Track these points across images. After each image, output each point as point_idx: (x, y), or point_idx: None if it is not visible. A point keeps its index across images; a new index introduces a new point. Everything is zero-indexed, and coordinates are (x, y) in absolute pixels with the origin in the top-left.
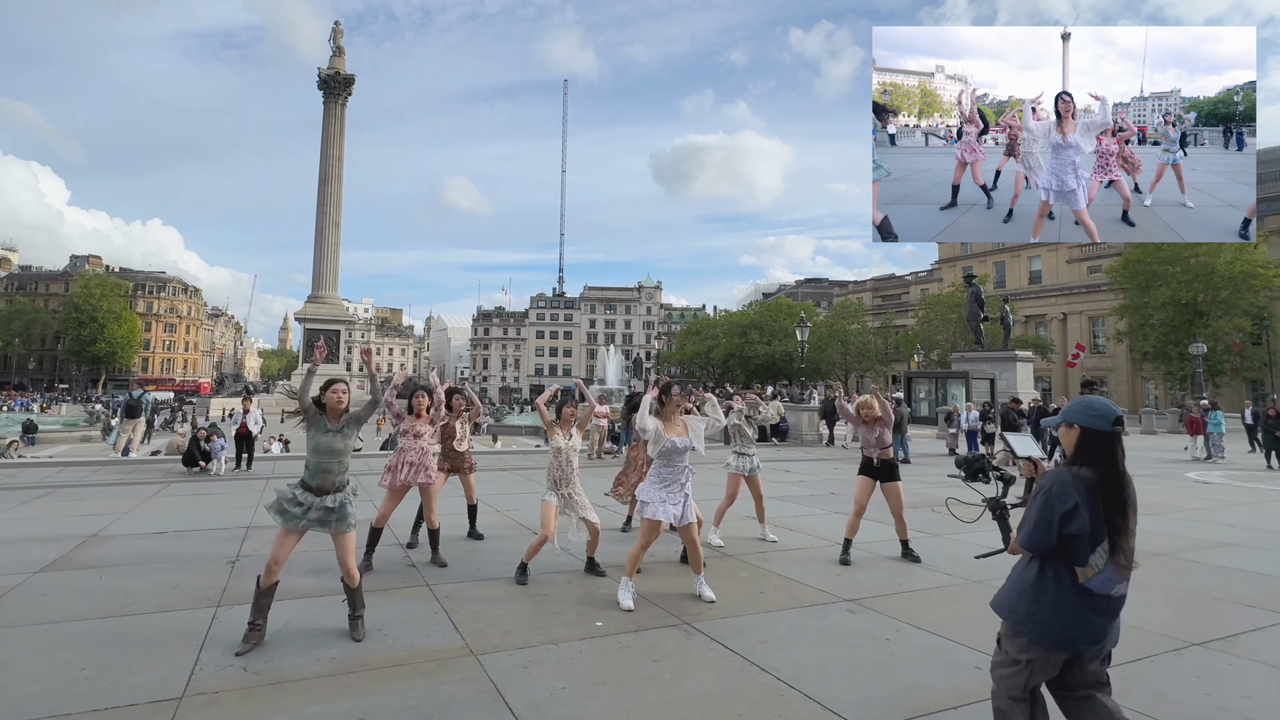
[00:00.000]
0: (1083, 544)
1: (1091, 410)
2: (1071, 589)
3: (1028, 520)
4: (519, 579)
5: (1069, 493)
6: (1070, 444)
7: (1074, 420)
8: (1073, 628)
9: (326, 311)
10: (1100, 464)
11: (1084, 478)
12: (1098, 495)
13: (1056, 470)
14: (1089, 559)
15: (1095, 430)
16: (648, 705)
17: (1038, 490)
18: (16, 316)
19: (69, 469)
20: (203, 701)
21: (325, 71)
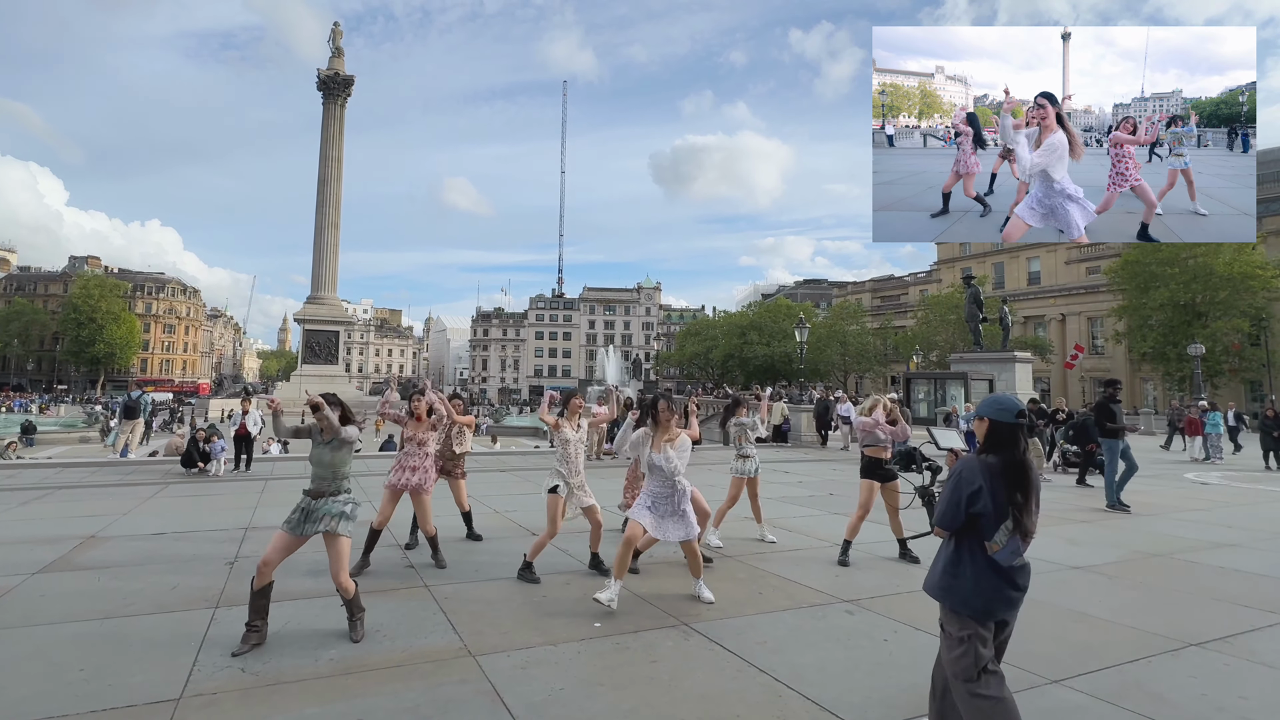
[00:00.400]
0: (987, 521)
1: (999, 405)
2: (984, 562)
3: (941, 502)
4: (527, 577)
5: (974, 476)
6: (981, 434)
7: (984, 414)
8: (988, 596)
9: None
10: (1004, 451)
11: (989, 463)
12: (1001, 478)
13: (966, 457)
14: (994, 535)
15: (1001, 422)
16: (646, 706)
17: (949, 476)
18: (15, 317)
19: (68, 470)
20: (200, 703)
21: (324, 72)
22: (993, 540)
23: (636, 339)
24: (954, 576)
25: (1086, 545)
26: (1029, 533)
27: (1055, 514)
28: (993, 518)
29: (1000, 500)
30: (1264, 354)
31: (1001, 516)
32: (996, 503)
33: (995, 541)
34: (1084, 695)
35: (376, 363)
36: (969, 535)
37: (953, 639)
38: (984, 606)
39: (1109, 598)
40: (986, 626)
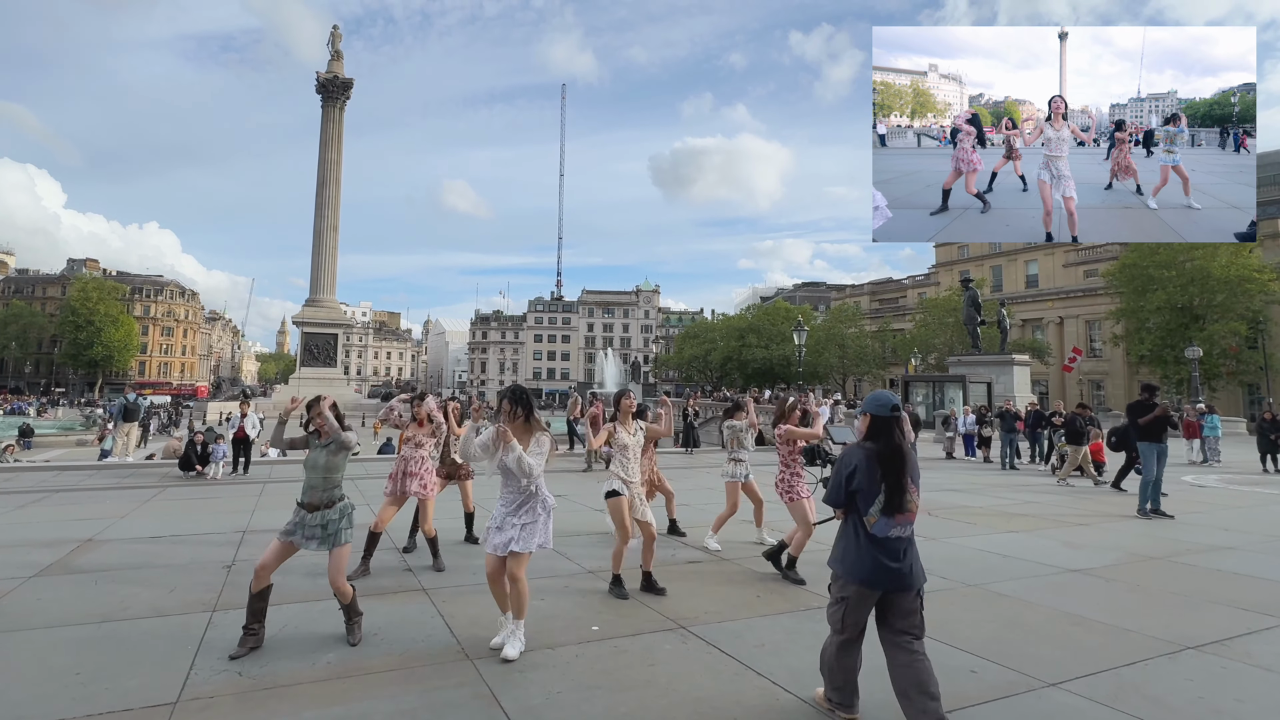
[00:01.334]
0: (863, 497)
1: (877, 401)
2: (865, 536)
3: (828, 484)
4: (617, 593)
5: (851, 458)
6: (864, 427)
7: (866, 409)
8: (866, 566)
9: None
10: (880, 439)
11: (866, 449)
12: (877, 462)
13: (848, 446)
14: (868, 510)
15: (878, 415)
16: (643, 709)
17: (837, 461)
18: (13, 320)
19: (65, 473)
20: (198, 706)
21: (323, 75)
22: (868, 514)
23: (635, 342)
24: (842, 549)
25: (1083, 548)
26: (905, 509)
27: (1053, 516)
28: (868, 495)
29: (874, 479)
30: (1261, 357)
31: (873, 494)
32: (870, 481)
33: (871, 515)
34: (1081, 698)
35: (375, 365)
36: (853, 512)
37: (833, 598)
38: (863, 576)
39: (1106, 600)
40: (865, 596)
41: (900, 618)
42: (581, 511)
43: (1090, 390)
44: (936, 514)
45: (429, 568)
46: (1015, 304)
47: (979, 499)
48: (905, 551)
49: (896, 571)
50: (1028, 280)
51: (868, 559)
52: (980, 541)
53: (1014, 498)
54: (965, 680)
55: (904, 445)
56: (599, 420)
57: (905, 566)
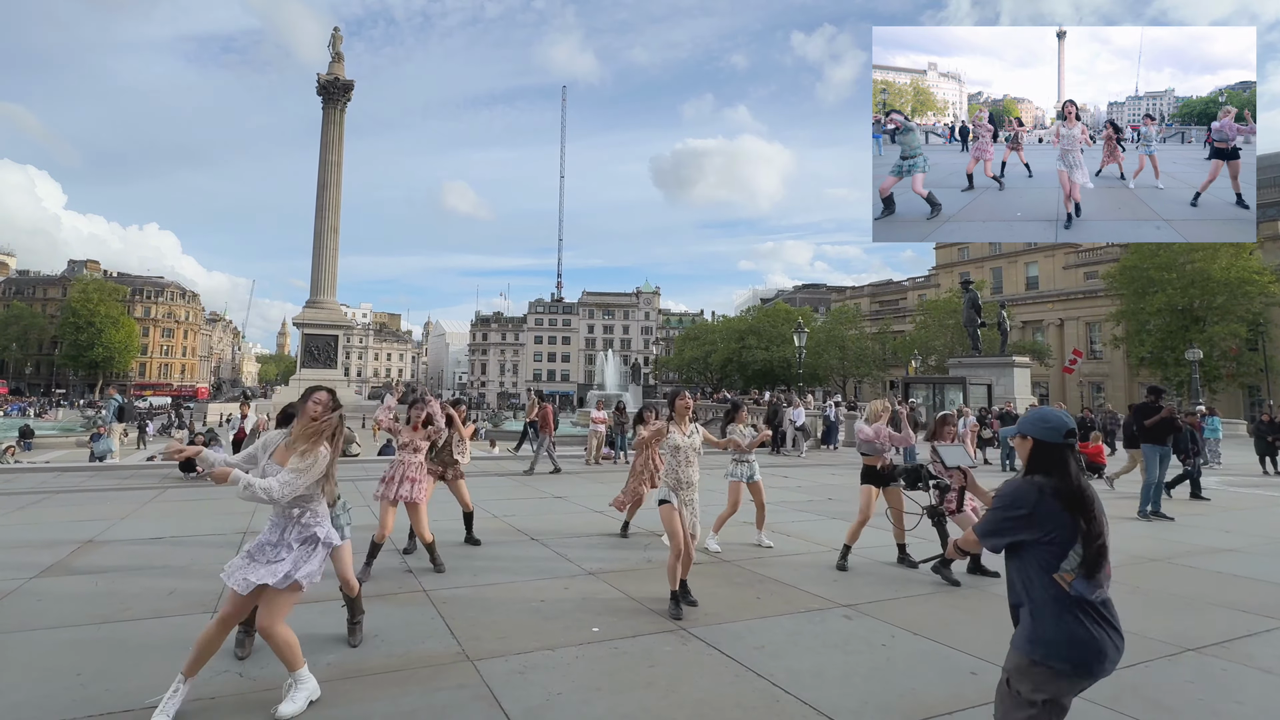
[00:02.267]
0: (1051, 549)
1: (1045, 423)
2: (1063, 598)
3: (984, 522)
4: (675, 613)
5: (1022, 499)
6: (1024, 454)
7: (1027, 432)
8: (1080, 644)
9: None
10: (1055, 474)
11: (1039, 484)
12: (1062, 504)
13: (1016, 479)
14: (1060, 565)
15: (1046, 443)
16: (644, 711)
17: (996, 495)
18: (14, 321)
19: (65, 474)
20: (198, 708)
21: (324, 77)
22: (1062, 570)
23: (635, 343)
24: (1034, 623)
25: None
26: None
27: None
28: (1059, 546)
29: (1065, 525)
30: (1261, 359)
31: (1070, 544)
32: (1059, 528)
33: (1066, 570)
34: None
35: (375, 367)
36: (1037, 566)
37: (1021, 701)
38: (1077, 658)
39: None
40: (1071, 686)
41: None
42: (580, 513)
43: (1090, 392)
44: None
45: (429, 569)
46: (1015, 306)
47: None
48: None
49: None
50: (1028, 282)
51: (1080, 633)
52: None
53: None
54: (965, 681)
55: (1087, 482)
56: (549, 419)
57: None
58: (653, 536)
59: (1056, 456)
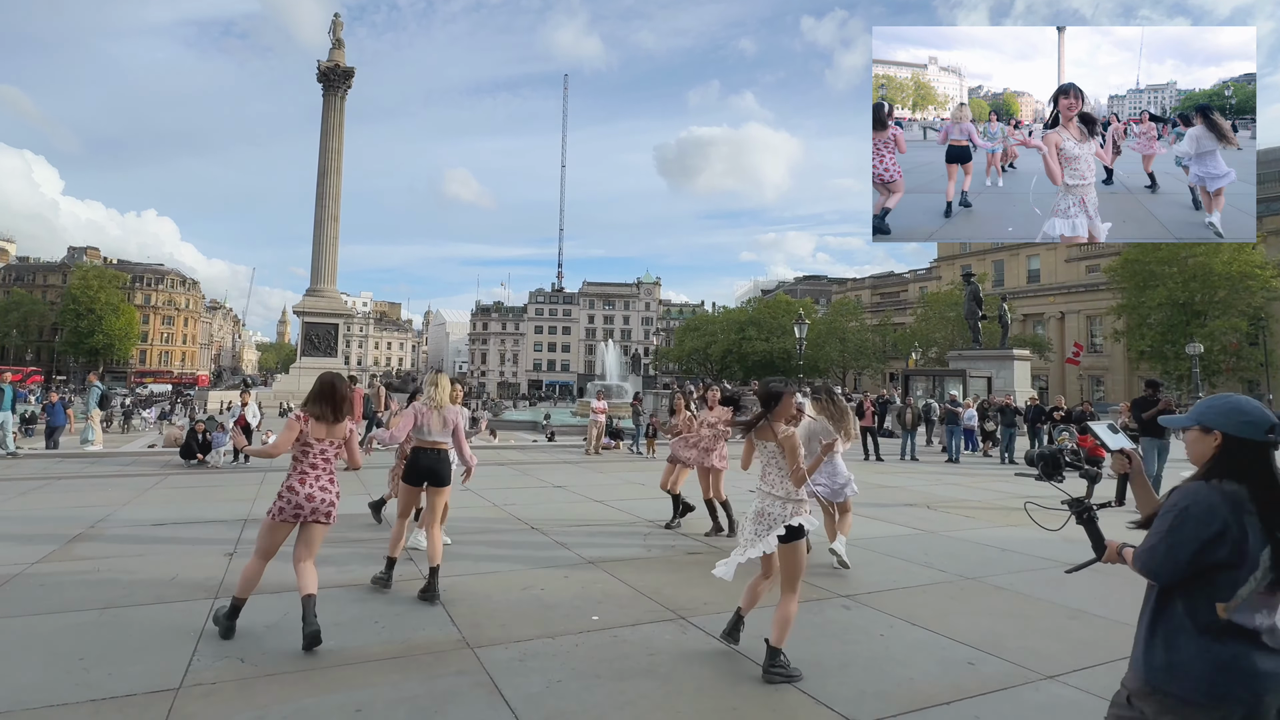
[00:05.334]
0: (1227, 575)
1: (1242, 414)
2: (1215, 625)
3: (1154, 540)
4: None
5: (1213, 515)
6: (1207, 453)
7: (1212, 424)
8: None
9: (325, 305)
10: (1250, 478)
11: (1229, 494)
12: (1254, 516)
13: (1195, 485)
14: (1236, 590)
15: (1246, 440)
16: (643, 699)
17: (1171, 507)
18: (14, 308)
19: (66, 461)
20: (200, 692)
21: (324, 64)
22: (1232, 598)
23: (636, 334)
24: (1173, 651)
25: (1083, 543)
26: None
27: (1052, 512)
28: (1238, 570)
29: (1252, 547)
30: (1262, 353)
31: (1253, 567)
32: (1244, 550)
33: (1235, 598)
34: (1079, 691)
35: (375, 356)
36: (1192, 591)
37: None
38: (1238, 690)
39: (1106, 595)
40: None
41: None
42: (580, 502)
43: (1090, 386)
44: (936, 507)
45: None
46: (1016, 299)
47: (978, 493)
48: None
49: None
50: (1029, 275)
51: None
52: (979, 535)
53: (1013, 491)
54: (963, 672)
55: None
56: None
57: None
58: (652, 526)
59: (1257, 458)
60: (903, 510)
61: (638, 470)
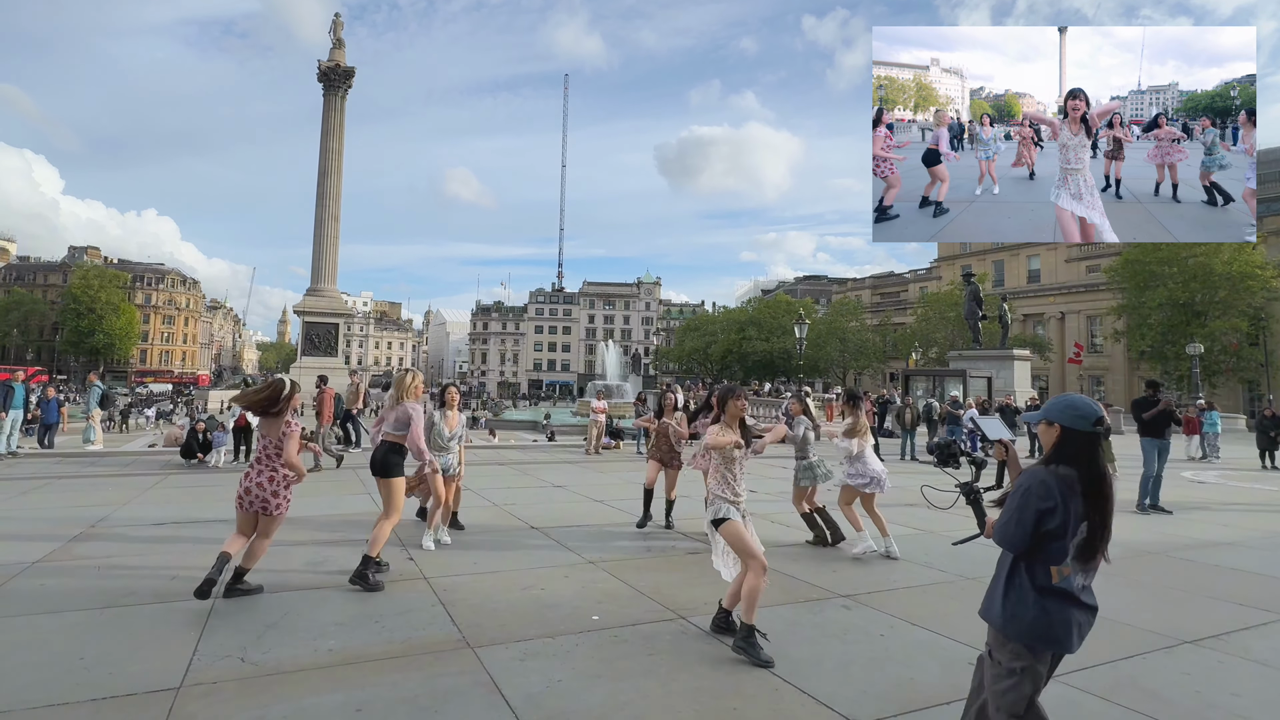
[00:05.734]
0: (1059, 544)
1: (1074, 409)
2: (1047, 584)
3: (1006, 516)
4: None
5: (1049, 493)
6: (1049, 441)
7: (1054, 418)
8: (1058, 626)
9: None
10: (1081, 464)
11: (1063, 477)
12: (1079, 496)
13: (1035, 469)
14: (1064, 558)
15: (1075, 430)
16: (643, 698)
17: (1018, 487)
18: (15, 307)
19: (67, 460)
20: (200, 691)
21: (325, 64)
22: (1064, 564)
23: (636, 334)
24: (1018, 604)
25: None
26: (1100, 555)
27: None
28: (1065, 539)
29: (1075, 519)
30: (1262, 354)
31: (1073, 537)
32: (1070, 522)
33: (1067, 565)
34: (1077, 691)
35: (376, 355)
36: (1034, 556)
37: (1003, 669)
38: (1051, 636)
39: (1105, 594)
40: (1045, 659)
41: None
42: (580, 502)
43: (1091, 386)
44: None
45: (430, 555)
46: (1017, 299)
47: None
48: (1092, 604)
49: (1084, 630)
50: (1029, 275)
51: (1059, 616)
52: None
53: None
54: (964, 672)
55: (1109, 472)
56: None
57: (1090, 624)
58: (652, 525)
59: (1084, 445)
60: (903, 510)
61: (638, 470)
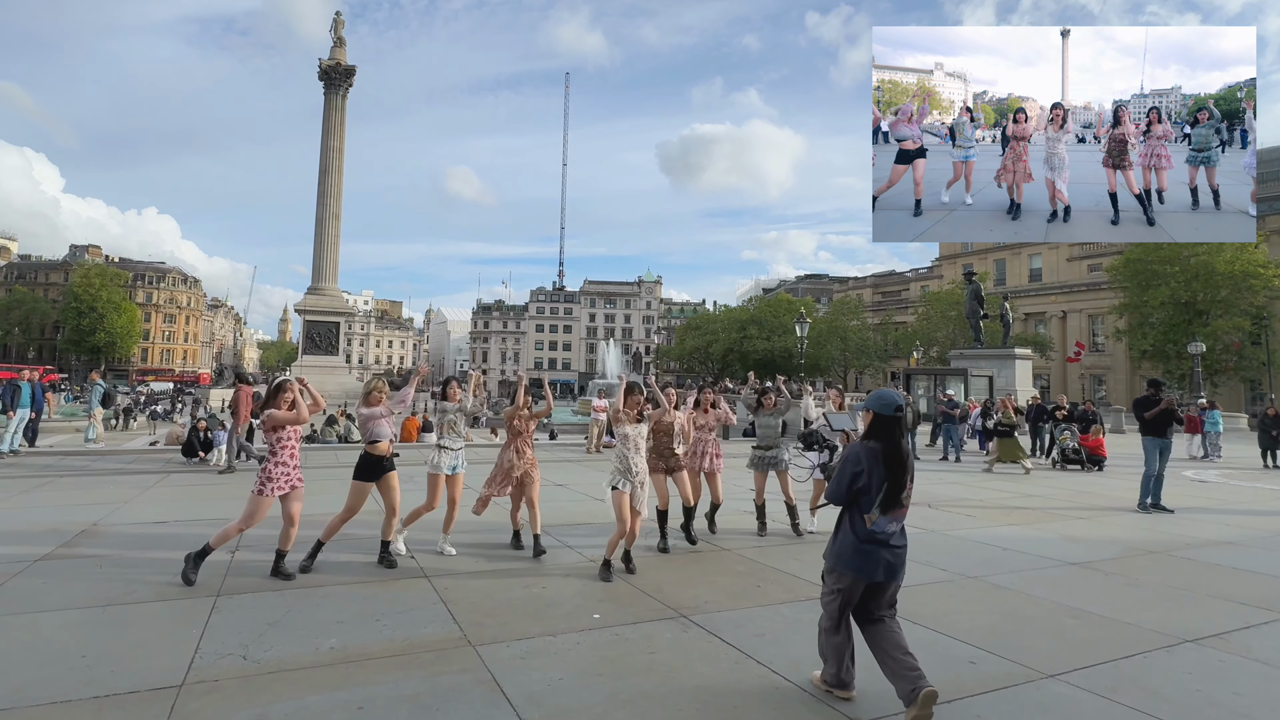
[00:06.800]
0: (867, 497)
1: (881, 400)
2: (861, 531)
3: (832, 480)
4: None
5: (859, 459)
6: (866, 424)
7: (870, 407)
8: (863, 559)
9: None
10: (884, 439)
11: (872, 448)
12: (880, 462)
13: (852, 444)
14: (870, 508)
15: (882, 414)
16: (644, 697)
17: (840, 458)
18: (16, 306)
19: (68, 458)
20: (203, 689)
21: (326, 63)
22: (870, 513)
23: (637, 333)
24: (840, 545)
25: (1083, 541)
26: (903, 506)
27: (1053, 509)
28: (871, 494)
29: (878, 479)
30: (1264, 353)
31: (878, 493)
32: (874, 482)
33: (872, 514)
34: (1079, 690)
35: (377, 354)
36: (852, 509)
37: (828, 589)
38: (860, 567)
39: (1106, 594)
40: (859, 586)
41: (881, 603)
42: (581, 501)
43: (1092, 385)
44: (937, 506)
45: (431, 554)
46: (1018, 298)
47: (979, 492)
48: (898, 545)
49: (890, 565)
50: (1031, 274)
51: (866, 554)
52: (980, 534)
53: (1014, 490)
54: (964, 670)
55: (905, 445)
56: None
57: (898, 559)
58: (652, 524)
59: (887, 425)
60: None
61: None
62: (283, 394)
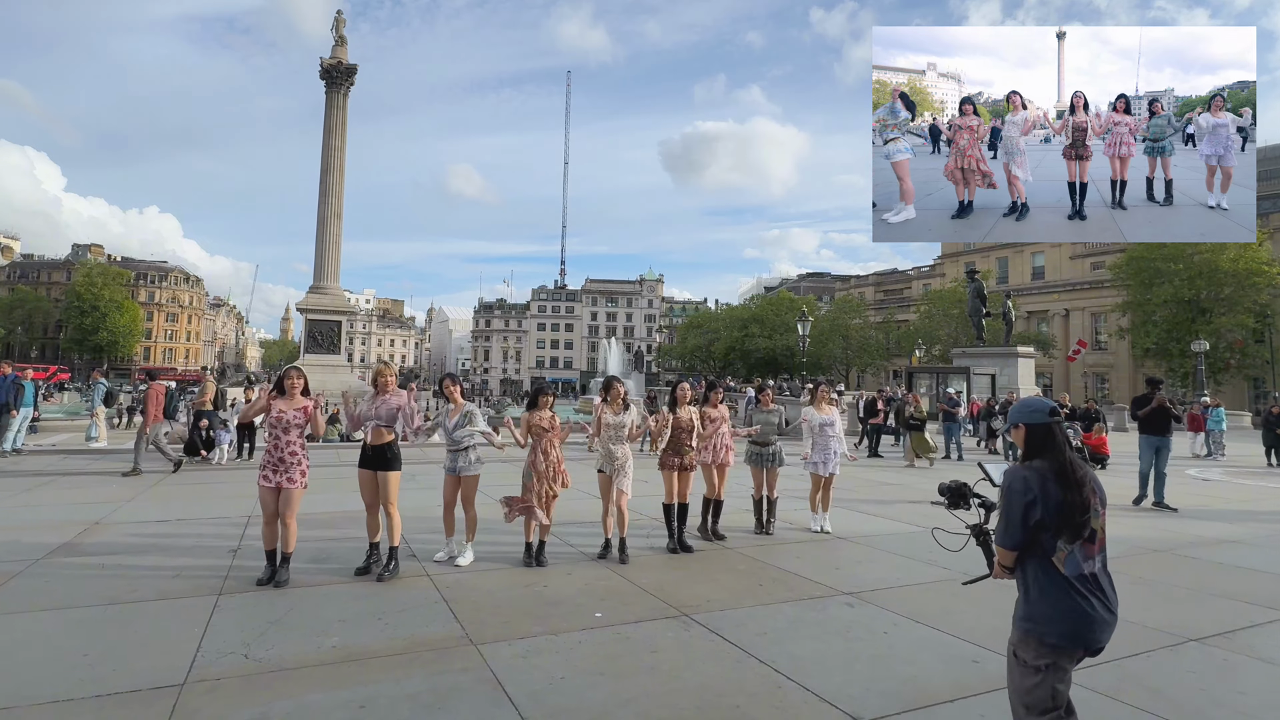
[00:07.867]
0: (1048, 533)
1: (1030, 408)
2: (1059, 580)
3: (999, 522)
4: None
5: (1026, 485)
6: (1020, 442)
7: (1017, 420)
8: (1074, 618)
9: (328, 302)
10: (1048, 454)
11: (1036, 469)
12: (1056, 483)
13: (1011, 468)
14: (1057, 544)
15: (1035, 425)
16: (646, 696)
17: (1001, 491)
18: (19, 304)
19: (71, 457)
20: (205, 688)
21: (327, 61)
22: (1057, 550)
23: (638, 331)
24: (1028, 603)
25: None
26: (1096, 535)
27: None
28: (1053, 527)
29: (1056, 506)
30: (1268, 351)
31: (1060, 525)
32: (1052, 510)
33: (1060, 549)
34: (1083, 689)
35: (378, 353)
36: (1034, 554)
37: (1027, 667)
38: (1068, 630)
39: None
40: (1069, 655)
41: None
42: (582, 499)
43: (1095, 383)
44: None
45: (432, 553)
46: (1021, 296)
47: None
48: (1108, 591)
49: (1105, 621)
50: (1033, 272)
51: (1068, 609)
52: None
53: None
54: (967, 670)
55: (1076, 456)
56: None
57: (1114, 614)
58: (655, 523)
59: (1046, 436)
60: (905, 508)
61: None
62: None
